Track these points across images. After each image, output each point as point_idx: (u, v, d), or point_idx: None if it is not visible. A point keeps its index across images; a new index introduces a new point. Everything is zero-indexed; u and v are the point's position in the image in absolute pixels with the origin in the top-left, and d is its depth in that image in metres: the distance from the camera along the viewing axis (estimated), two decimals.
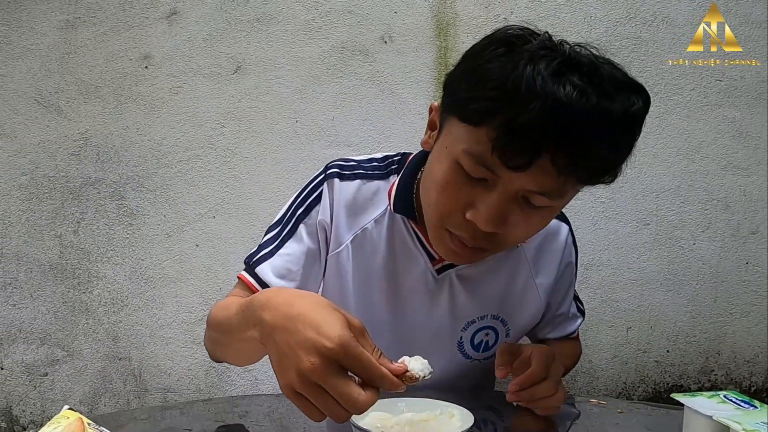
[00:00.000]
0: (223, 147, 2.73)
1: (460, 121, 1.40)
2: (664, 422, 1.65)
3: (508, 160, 1.28)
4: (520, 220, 1.41)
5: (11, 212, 2.79)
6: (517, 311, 1.88)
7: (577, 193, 1.50)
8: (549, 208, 1.44)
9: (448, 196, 1.43)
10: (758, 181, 2.73)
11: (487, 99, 1.30)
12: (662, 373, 2.85)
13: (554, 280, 1.90)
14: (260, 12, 2.65)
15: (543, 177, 1.31)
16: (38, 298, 2.83)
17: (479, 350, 1.89)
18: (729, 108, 2.69)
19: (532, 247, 1.84)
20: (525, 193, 1.36)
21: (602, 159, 1.33)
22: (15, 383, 2.89)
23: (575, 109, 1.23)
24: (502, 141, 1.27)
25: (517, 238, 1.55)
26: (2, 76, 2.74)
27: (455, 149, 1.39)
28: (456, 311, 1.83)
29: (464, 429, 1.30)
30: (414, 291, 1.80)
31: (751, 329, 2.83)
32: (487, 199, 1.36)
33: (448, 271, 1.77)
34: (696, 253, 2.77)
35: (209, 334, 1.67)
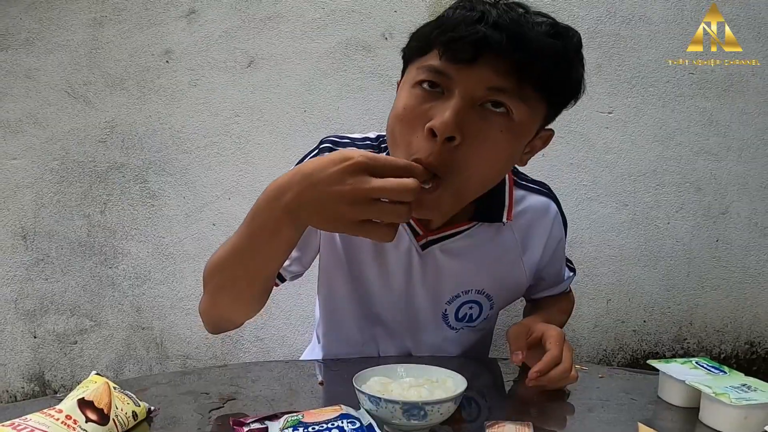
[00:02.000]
0: (238, 134, 2.80)
1: (411, 67, 1.50)
2: (641, 386, 1.69)
3: (454, 56, 1.35)
4: (478, 130, 1.39)
5: (43, 194, 2.87)
6: (502, 286, 1.91)
7: (542, 131, 1.62)
8: (507, 117, 1.41)
9: (409, 118, 1.43)
10: (727, 165, 2.78)
11: (430, 28, 1.42)
12: (639, 341, 2.91)
13: (542, 256, 1.91)
14: (271, 11, 2.71)
15: (492, 73, 1.35)
16: (68, 273, 2.92)
17: (463, 321, 1.92)
18: (700, 99, 2.74)
19: (521, 225, 1.84)
20: (481, 95, 1.38)
21: (540, 50, 1.35)
22: (47, 351, 2.98)
23: (508, 13, 1.34)
24: (445, 43, 1.35)
25: (479, 154, 1.41)
26: (35, 70, 2.81)
27: (411, 79, 1.46)
28: (440, 285, 1.85)
29: (457, 392, 1.34)
30: (400, 266, 1.83)
31: (721, 301, 2.88)
32: (444, 105, 1.37)
33: (432, 247, 1.79)
34: (670, 232, 2.82)
35: (210, 286, 1.64)
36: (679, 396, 1.57)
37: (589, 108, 2.74)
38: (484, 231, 1.79)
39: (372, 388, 1.40)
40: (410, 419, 1.32)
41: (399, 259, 1.82)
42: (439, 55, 1.38)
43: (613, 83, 2.73)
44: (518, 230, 1.84)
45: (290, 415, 1.36)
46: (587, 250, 2.83)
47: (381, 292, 1.90)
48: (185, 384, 1.75)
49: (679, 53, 2.72)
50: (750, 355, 2.94)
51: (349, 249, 1.84)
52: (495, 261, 1.84)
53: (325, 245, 1.87)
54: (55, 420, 1.25)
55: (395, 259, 1.82)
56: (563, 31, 1.44)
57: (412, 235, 1.78)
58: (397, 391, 1.41)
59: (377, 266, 1.85)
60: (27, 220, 2.92)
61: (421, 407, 1.31)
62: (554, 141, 2.54)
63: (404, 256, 1.81)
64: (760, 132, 2.77)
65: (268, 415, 1.41)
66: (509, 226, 1.82)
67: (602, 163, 2.76)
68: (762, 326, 2.92)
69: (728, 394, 1.39)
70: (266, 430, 1.34)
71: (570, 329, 2.88)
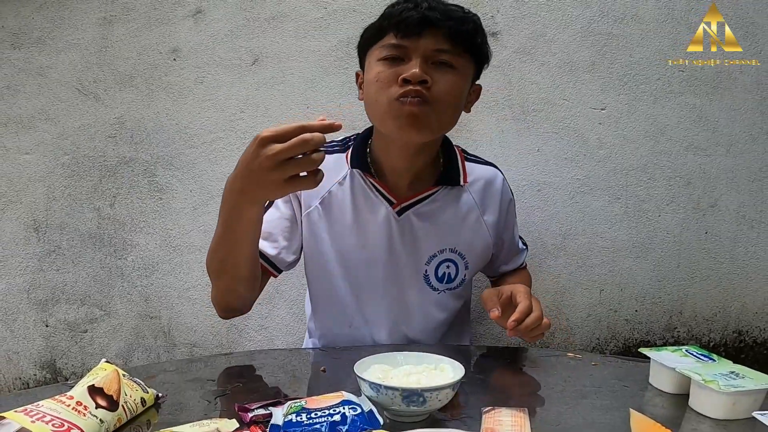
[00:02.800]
0: (243, 130, 2.80)
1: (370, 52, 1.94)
2: (632, 373, 1.72)
3: (406, 33, 1.81)
4: (439, 77, 1.84)
5: (55, 188, 2.88)
6: (471, 245, 2.15)
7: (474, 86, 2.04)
8: (455, 70, 1.88)
9: (383, 79, 1.85)
10: (716, 160, 2.78)
11: (379, 21, 1.90)
12: (631, 330, 2.91)
13: (498, 216, 2.20)
14: (275, 10, 2.71)
15: (437, 38, 1.82)
16: (79, 264, 2.93)
17: (443, 281, 2.14)
18: (690, 95, 2.73)
19: (476, 189, 2.15)
20: (433, 54, 1.83)
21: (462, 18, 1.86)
22: (58, 339, 2.99)
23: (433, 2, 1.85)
24: (397, 27, 1.82)
25: (444, 95, 1.85)
26: (47, 68, 2.81)
27: (375, 57, 1.90)
28: (418, 246, 2.09)
29: (456, 379, 1.37)
30: (381, 234, 2.07)
31: (710, 291, 2.88)
32: (409, 65, 1.82)
33: (407, 212, 2.06)
34: (661, 224, 2.82)
35: (210, 275, 1.93)
36: (669, 383, 1.58)
37: (582, 105, 2.74)
38: (447, 194, 2.10)
39: (373, 375, 1.42)
40: (410, 405, 1.34)
41: (379, 227, 2.07)
42: (394, 35, 1.83)
43: (606, 81, 2.73)
44: (475, 193, 2.15)
45: (293, 402, 1.38)
46: (581, 241, 2.83)
47: (366, 261, 2.10)
48: (192, 371, 1.78)
49: (670, 52, 2.71)
50: (738, 344, 2.94)
51: (331, 226, 2.09)
52: (461, 221, 2.12)
53: (308, 228, 2.11)
54: (66, 406, 1.26)
55: (375, 227, 2.07)
56: (469, 12, 1.93)
57: (387, 204, 2.05)
58: (397, 378, 1.43)
59: (358, 236, 2.09)
60: (39, 213, 2.92)
61: (420, 394, 1.33)
62: (549, 136, 2.63)
63: (383, 223, 2.06)
64: (748, 128, 2.77)
65: (272, 402, 1.42)
66: (467, 189, 2.13)
67: (595, 157, 2.76)
68: (750, 316, 2.93)
69: (717, 381, 1.41)
70: (270, 415, 1.35)
71: (564, 318, 2.91)
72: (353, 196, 2.07)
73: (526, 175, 2.76)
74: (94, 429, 1.25)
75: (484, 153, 2.33)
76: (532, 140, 2.76)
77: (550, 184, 2.72)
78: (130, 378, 1.47)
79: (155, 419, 1.45)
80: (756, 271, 2.89)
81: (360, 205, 2.07)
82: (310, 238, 2.12)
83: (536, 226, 2.78)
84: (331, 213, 2.08)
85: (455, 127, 1.97)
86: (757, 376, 1.46)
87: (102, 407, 1.30)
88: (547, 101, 2.75)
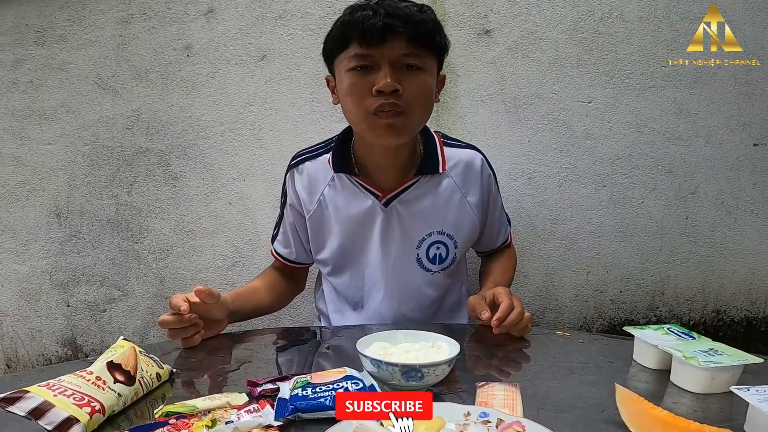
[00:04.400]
0: (252, 122, 2.80)
1: (337, 57, 1.94)
2: (617, 350, 1.72)
3: (371, 42, 1.80)
4: (409, 81, 1.85)
5: (76, 176, 2.89)
6: (457, 226, 2.18)
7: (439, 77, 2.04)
8: (422, 70, 1.89)
9: (357, 89, 1.87)
10: (696, 150, 2.77)
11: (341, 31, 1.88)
12: (616, 309, 2.91)
13: (481, 195, 2.22)
14: (283, 9, 2.70)
15: (400, 44, 1.81)
16: (98, 248, 2.94)
17: (435, 263, 2.19)
18: (672, 89, 2.73)
19: (457, 173, 2.16)
20: (399, 59, 1.83)
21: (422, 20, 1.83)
22: (79, 318, 3.01)
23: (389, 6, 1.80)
24: (361, 36, 1.81)
25: (416, 98, 1.88)
26: (68, 63, 2.82)
27: (344, 68, 1.90)
28: (407, 232, 2.14)
29: (451, 356, 1.39)
30: (371, 225, 2.14)
31: (690, 273, 2.88)
32: (380, 75, 1.82)
33: (392, 202, 2.11)
34: (644, 210, 2.82)
35: None
36: (652, 359, 1.59)
37: (570, 98, 2.73)
38: (428, 182, 2.13)
39: (374, 352, 1.44)
40: (409, 380, 1.35)
41: (369, 220, 2.13)
42: (359, 45, 1.82)
43: (592, 75, 2.72)
44: (456, 176, 2.16)
45: (299, 377, 1.39)
46: (569, 227, 2.83)
47: (362, 251, 2.19)
48: (204, 349, 1.80)
49: (652, 48, 2.69)
50: (717, 322, 2.94)
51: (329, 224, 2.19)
52: (445, 204, 2.15)
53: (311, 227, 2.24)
54: (87, 381, 1.26)
55: (366, 220, 2.14)
56: (423, 7, 1.90)
57: (374, 198, 2.10)
58: (396, 355, 1.44)
59: (352, 229, 2.17)
60: (61, 200, 2.93)
61: (418, 369, 1.34)
62: (539, 128, 2.63)
63: (373, 215, 2.13)
64: (726, 119, 2.76)
65: (279, 377, 1.43)
66: (447, 175, 2.15)
67: (582, 148, 2.76)
68: (727, 296, 2.92)
69: (697, 358, 1.42)
70: (278, 390, 1.36)
71: (553, 299, 2.91)
72: (343, 195, 2.14)
73: (518, 165, 2.75)
74: (112, 402, 1.26)
75: (479, 143, 2.32)
76: (523, 131, 2.75)
77: (540, 172, 2.71)
78: (146, 354, 1.49)
79: (170, 393, 1.46)
80: (733, 254, 2.90)
81: (350, 201, 2.14)
82: (314, 236, 2.24)
83: (527, 212, 2.78)
84: (327, 212, 2.17)
85: (452, 120, 2.01)
86: (734, 352, 1.47)
87: (120, 382, 1.31)
88: (537, 95, 2.74)
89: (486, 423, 1.17)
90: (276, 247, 2.35)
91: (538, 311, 2.92)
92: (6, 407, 1.13)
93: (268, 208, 2.85)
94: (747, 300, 2.94)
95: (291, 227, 2.29)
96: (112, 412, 1.27)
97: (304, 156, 2.23)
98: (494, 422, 1.17)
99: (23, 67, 2.86)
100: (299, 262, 2.36)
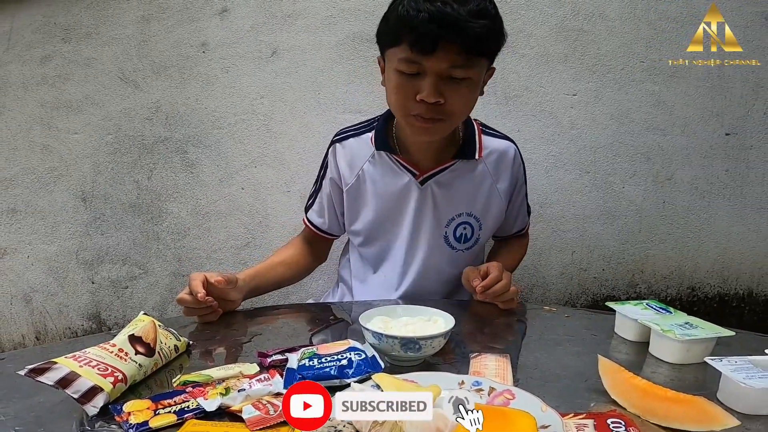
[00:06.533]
0: (263, 113, 2.79)
1: (388, 50, 1.83)
2: (600, 324, 1.74)
3: (422, 50, 1.68)
4: (453, 92, 1.77)
5: (100, 163, 2.89)
6: (485, 210, 2.16)
7: (488, 70, 1.91)
8: (468, 79, 1.77)
9: (402, 92, 1.81)
10: (672, 139, 2.79)
11: (396, 26, 1.74)
12: (599, 286, 2.93)
13: (510, 183, 2.19)
14: (291, 9, 2.70)
15: (450, 55, 1.69)
16: (120, 229, 2.94)
17: (461, 242, 2.17)
18: (650, 83, 2.74)
19: (491, 161, 2.13)
20: (446, 72, 1.73)
21: (477, 33, 1.67)
22: (103, 294, 3.02)
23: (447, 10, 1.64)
24: (413, 41, 1.69)
25: (458, 108, 1.83)
26: (93, 59, 2.81)
27: (393, 65, 1.79)
28: (439, 210, 2.11)
29: (447, 329, 1.39)
30: (406, 201, 2.11)
31: (667, 253, 2.90)
32: (425, 83, 1.74)
33: (428, 182, 2.08)
34: (625, 195, 2.83)
35: None
36: (632, 332, 1.60)
37: (556, 91, 2.73)
38: (464, 166, 2.10)
39: (375, 325, 1.44)
40: (407, 352, 1.36)
41: (405, 196, 2.11)
42: (410, 49, 1.71)
43: (577, 70, 2.72)
44: (489, 164, 2.13)
45: (306, 348, 1.39)
46: (555, 210, 2.84)
47: (394, 224, 2.17)
48: (219, 322, 1.80)
49: (632, 45, 2.70)
50: (691, 298, 2.94)
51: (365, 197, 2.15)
52: (476, 188, 2.13)
53: (348, 200, 2.20)
54: (110, 352, 1.27)
55: (402, 196, 2.11)
56: (487, 7, 1.73)
57: (411, 176, 2.08)
58: (396, 328, 1.45)
59: (388, 204, 2.14)
60: (86, 185, 2.92)
61: (416, 342, 1.35)
62: (528, 119, 2.64)
63: (408, 192, 2.10)
64: (700, 111, 2.76)
65: (288, 348, 1.43)
66: (482, 162, 2.12)
67: (568, 137, 2.76)
68: (702, 274, 2.93)
69: (673, 331, 1.43)
70: (287, 360, 1.36)
71: (540, 276, 2.92)
72: (382, 171, 2.12)
73: None
74: (133, 372, 1.27)
75: None
76: (513, 122, 2.75)
77: (528, 160, 2.70)
78: (164, 328, 1.49)
79: (187, 364, 1.46)
80: (707, 236, 2.90)
81: (388, 178, 2.12)
82: (350, 207, 2.20)
83: None
84: (365, 186, 2.14)
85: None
86: (708, 326, 1.48)
87: (140, 353, 1.32)
88: (526, 88, 2.74)
89: (479, 391, 1.17)
90: (310, 216, 2.31)
91: (526, 288, 2.92)
92: (35, 377, 1.13)
93: (277, 192, 2.85)
94: (719, 277, 2.95)
95: (327, 198, 2.25)
96: (134, 381, 1.27)
97: (349, 132, 2.20)
98: (486, 390, 1.17)
99: (51, 63, 2.85)
100: (329, 233, 2.32)
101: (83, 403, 1.13)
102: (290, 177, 2.83)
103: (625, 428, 1.03)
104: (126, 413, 1.12)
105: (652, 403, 1.14)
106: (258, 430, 1.06)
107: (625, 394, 1.20)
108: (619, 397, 1.20)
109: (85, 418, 1.13)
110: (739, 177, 2.87)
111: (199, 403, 1.15)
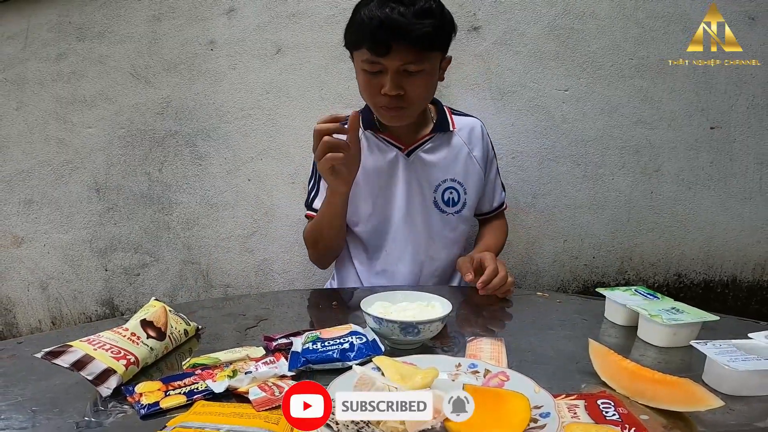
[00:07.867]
0: (268, 108, 2.79)
1: (354, 52, 2.02)
2: (590, 309, 1.75)
3: (378, 53, 1.85)
4: (411, 84, 1.93)
5: (113, 155, 2.89)
6: (466, 175, 2.28)
7: (442, 61, 2.05)
8: (423, 72, 1.92)
9: (368, 88, 1.99)
10: (660, 133, 2.78)
11: (356, 33, 1.93)
12: (590, 273, 2.93)
13: (482, 151, 2.32)
14: (295, 9, 2.70)
15: (402, 54, 1.85)
16: (132, 219, 2.94)
17: (449, 205, 2.27)
18: (639, 79, 2.73)
19: (464, 134, 2.29)
20: (402, 67, 1.88)
21: (423, 33, 1.82)
22: (116, 281, 3.02)
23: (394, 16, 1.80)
24: (370, 46, 1.86)
25: (417, 96, 1.99)
26: (106, 56, 2.81)
27: (359, 66, 1.99)
28: (427, 177, 2.23)
29: (444, 314, 1.40)
30: (395, 173, 2.23)
31: (655, 241, 2.90)
32: (386, 79, 1.91)
33: (414, 153, 2.22)
34: (614, 186, 2.83)
35: (311, 241, 2.22)
36: (621, 317, 1.61)
37: (549, 87, 2.72)
38: (441, 138, 2.26)
39: (376, 310, 1.45)
40: (406, 335, 1.36)
41: (393, 169, 2.22)
42: (368, 52, 1.88)
43: (569, 67, 2.71)
44: (462, 136, 2.29)
45: (310, 332, 1.40)
46: (548, 200, 2.83)
47: (388, 195, 2.24)
48: (226, 308, 1.82)
49: (621, 43, 2.69)
50: (678, 284, 2.95)
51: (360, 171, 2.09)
52: (455, 157, 2.26)
53: None
54: (122, 336, 1.27)
55: (392, 170, 2.23)
56: (431, 6, 1.87)
57: (398, 150, 2.22)
58: (395, 313, 1.46)
59: (380, 176, 2.23)
60: (100, 177, 2.92)
61: (415, 326, 1.35)
62: (522, 113, 2.64)
63: (397, 164, 2.22)
64: (686, 106, 2.76)
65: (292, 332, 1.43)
66: (456, 134, 2.28)
67: (560, 131, 2.75)
68: (687, 261, 2.93)
69: (661, 316, 1.44)
70: (291, 344, 1.37)
71: (533, 264, 2.92)
72: (371, 147, 2.23)
73: (503, 145, 2.74)
74: (145, 355, 1.28)
75: None
76: (507, 116, 2.75)
77: (522, 152, 2.71)
78: (175, 313, 1.50)
79: (196, 347, 1.47)
80: (693, 225, 2.90)
81: (376, 153, 2.22)
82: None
83: (511, 187, 2.75)
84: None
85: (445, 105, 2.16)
86: (693, 311, 1.48)
87: (152, 337, 1.33)
88: (520, 84, 2.73)
89: (475, 373, 1.18)
90: (316, 205, 2.26)
91: (520, 275, 2.92)
92: (52, 360, 1.14)
93: (282, 184, 2.85)
94: (705, 265, 2.95)
95: None
96: (146, 364, 1.28)
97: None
98: (482, 372, 1.18)
99: (66, 60, 2.85)
100: None
101: (97, 384, 1.13)
102: (294, 169, 2.83)
103: (614, 409, 1.04)
104: (138, 394, 1.13)
105: (640, 385, 1.14)
106: (264, 410, 1.06)
107: (615, 376, 1.20)
108: (609, 379, 1.20)
109: (99, 398, 1.14)
110: (723, 169, 2.86)
111: (207, 385, 1.16)
